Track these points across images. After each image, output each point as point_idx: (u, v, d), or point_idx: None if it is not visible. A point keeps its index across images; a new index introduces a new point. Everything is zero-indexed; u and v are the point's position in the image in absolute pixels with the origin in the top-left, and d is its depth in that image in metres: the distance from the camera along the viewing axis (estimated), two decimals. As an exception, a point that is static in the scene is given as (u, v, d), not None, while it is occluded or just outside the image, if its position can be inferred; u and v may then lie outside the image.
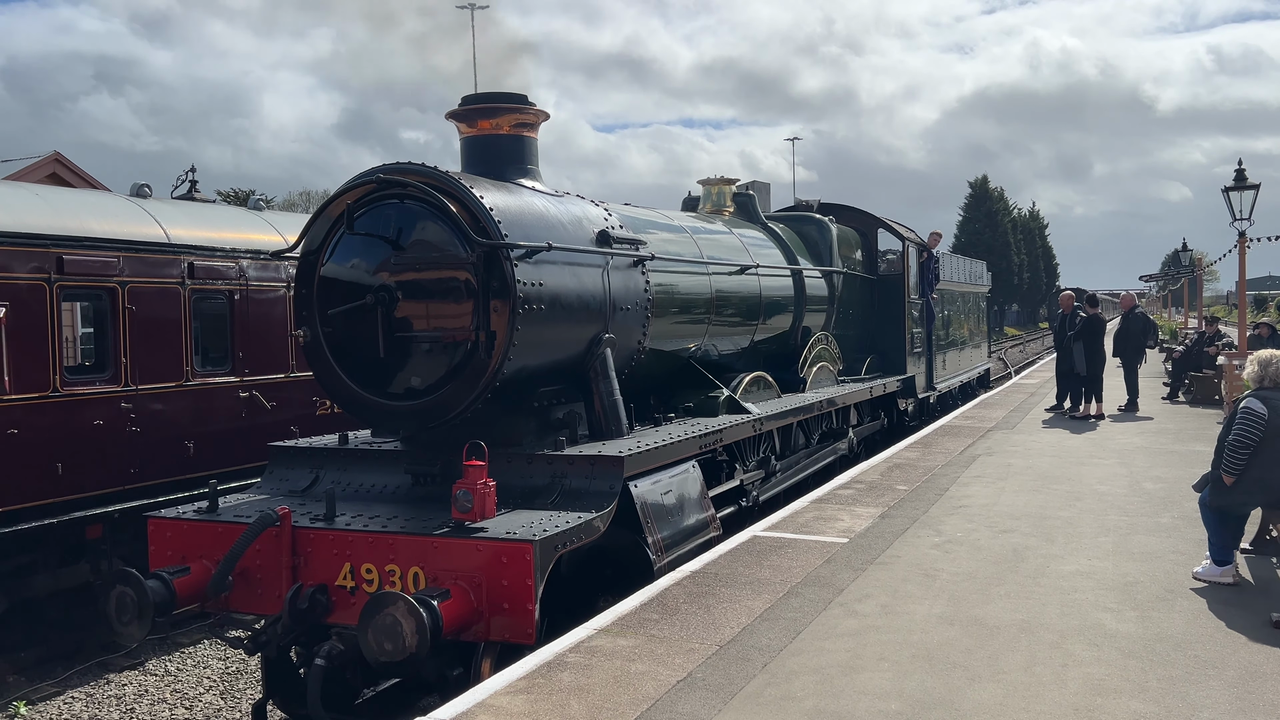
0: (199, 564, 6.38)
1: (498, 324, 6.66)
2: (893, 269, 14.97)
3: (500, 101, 7.81)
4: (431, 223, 6.79)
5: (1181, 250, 41.26)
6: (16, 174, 17.56)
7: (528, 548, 5.63)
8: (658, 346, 8.72)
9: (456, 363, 6.78)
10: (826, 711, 4.53)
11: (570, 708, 4.57)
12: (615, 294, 7.86)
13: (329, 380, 7.21)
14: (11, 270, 7.69)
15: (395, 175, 6.89)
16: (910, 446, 12.61)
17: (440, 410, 6.86)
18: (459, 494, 5.94)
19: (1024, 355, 44.17)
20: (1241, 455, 6.27)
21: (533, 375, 7.19)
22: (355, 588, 6.03)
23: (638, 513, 6.79)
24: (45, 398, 7.88)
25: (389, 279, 6.82)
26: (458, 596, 5.62)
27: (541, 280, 6.99)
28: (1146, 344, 17.48)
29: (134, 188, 9.60)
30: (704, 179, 12.55)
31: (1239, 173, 16.96)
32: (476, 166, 7.75)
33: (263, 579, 6.26)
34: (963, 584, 6.47)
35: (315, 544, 6.17)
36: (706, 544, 7.50)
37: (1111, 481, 9.97)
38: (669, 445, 7.46)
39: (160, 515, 6.78)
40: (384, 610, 5.32)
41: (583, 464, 6.73)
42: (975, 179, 77.16)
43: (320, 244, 7.17)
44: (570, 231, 7.58)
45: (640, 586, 6.51)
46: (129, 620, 6.00)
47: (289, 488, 7.34)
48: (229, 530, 6.40)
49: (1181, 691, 4.69)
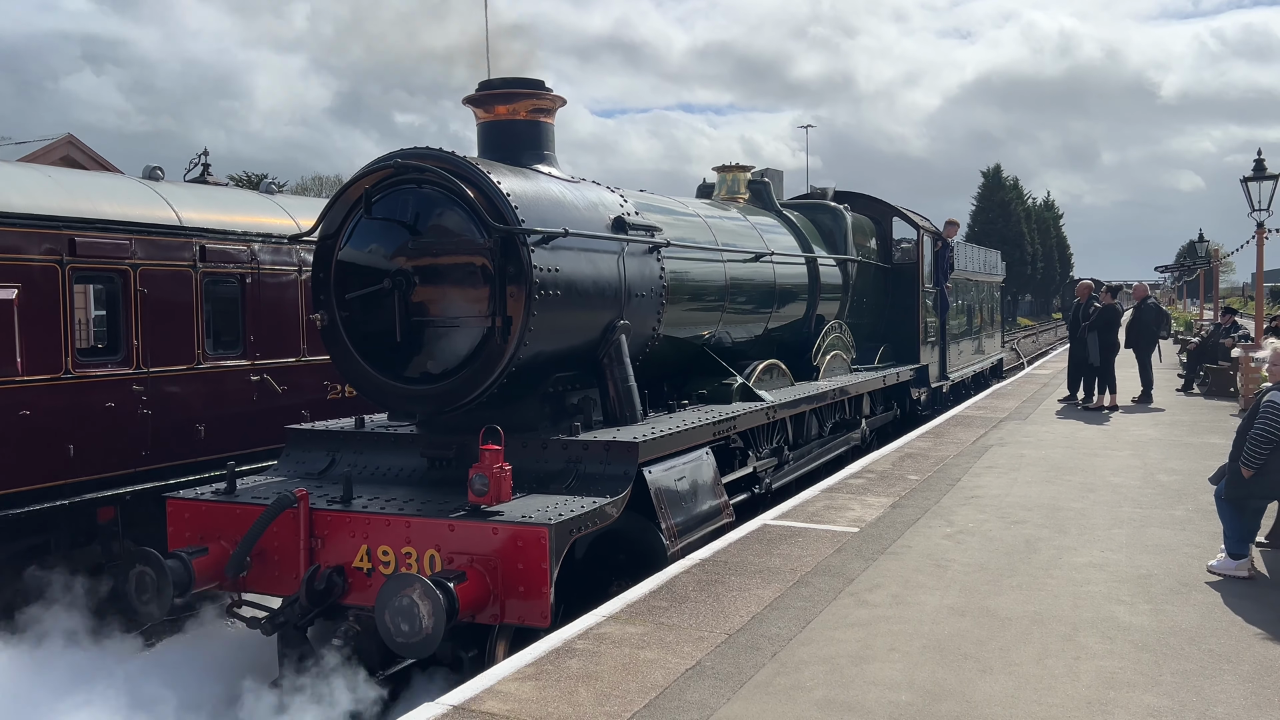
0: (217, 544, 6.48)
1: (514, 309, 6.70)
2: (907, 258, 14.93)
3: (517, 87, 7.83)
4: (448, 208, 6.83)
5: (1198, 241, 40.96)
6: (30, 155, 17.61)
7: (543, 531, 5.67)
8: (672, 333, 8.74)
9: (473, 348, 6.83)
10: (836, 701, 4.50)
11: (579, 694, 4.56)
12: (630, 280, 7.89)
13: (346, 364, 7.27)
14: (24, 252, 7.69)
15: (413, 160, 6.93)
16: (922, 436, 12.56)
17: (456, 394, 6.92)
18: (475, 478, 5.98)
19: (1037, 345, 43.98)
20: (1264, 449, 6.21)
21: (548, 361, 7.22)
22: (372, 569, 6.11)
23: (651, 498, 6.81)
24: (57, 380, 7.89)
25: (406, 264, 6.87)
26: (473, 579, 5.67)
27: (558, 266, 7.01)
28: (1159, 334, 17.35)
29: (146, 170, 9.58)
30: (719, 166, 12.61)
31: (1258, 163, 16.76)
32: (493, 152, 7.77)
33: (280, 560, 6.35)
34: (974, 575, 6.43)
35: (332, 526, 6.25)
36: (720, 530, 7.51)
37: (1125, 473, 9.90)
38: (683, 431, 7.48)
39: (179, 496, 6.88)
40: (401, 592, 5.37)
41: (598, 449, 6.77)
42: (988, 168, 76.91)
43: (338, 228, 7.21)
44: (586, 217, 7.60)
45: (653, 572, 6.53)
46: (149, 599, 6.14)
47: (306, 470, 7.41)
48: (247, 511, 6.49)
49: (1195, 685, 4.65)
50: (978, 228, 71.91)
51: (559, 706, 4.44)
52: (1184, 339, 23.35)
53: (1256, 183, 16.68)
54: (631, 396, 7.68)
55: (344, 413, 9.32)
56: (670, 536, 6.87)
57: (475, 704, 4.51)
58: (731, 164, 12.50)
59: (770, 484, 9.32)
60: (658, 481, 6.93)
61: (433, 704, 4.54)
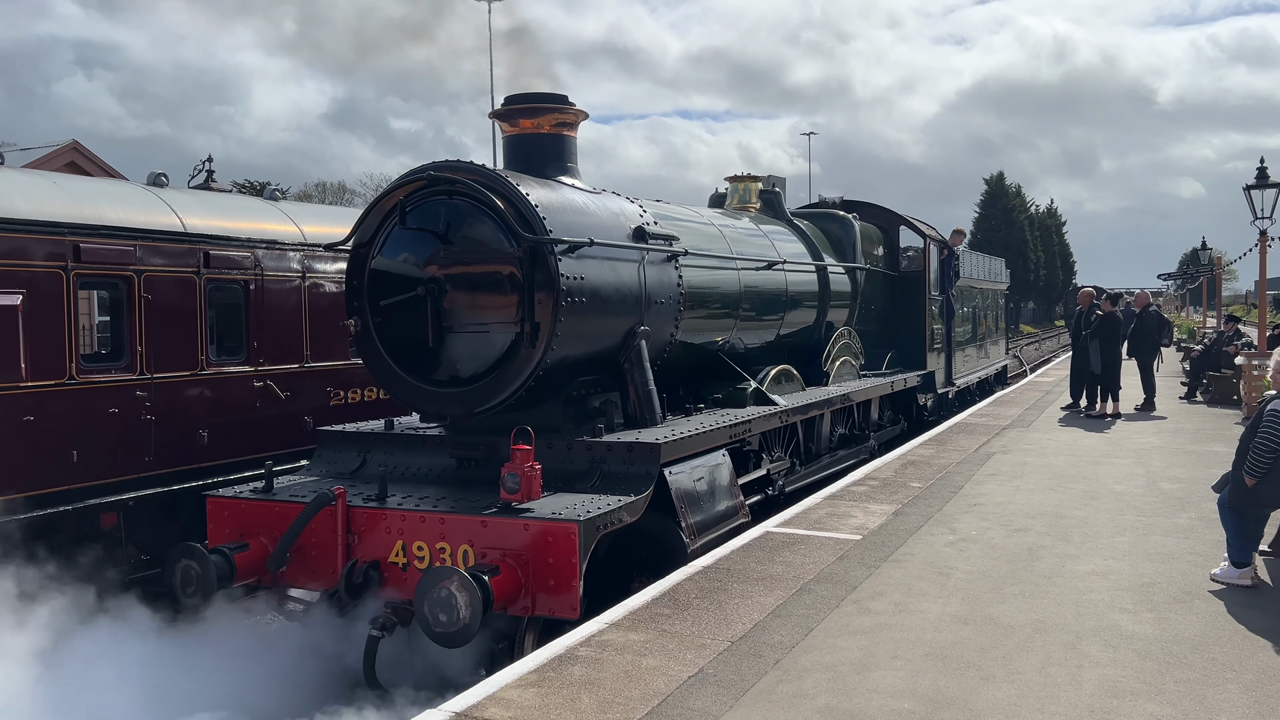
0: (256, 541, 6.78)
1: (542, 315, 7.00)
2: (914, 265, 15.08)
3: (542, 102, 8.10)
4: (479, 218, 7.12)
5: (1201, 249, 40.93)
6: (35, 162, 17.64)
7: (573, 527, 5.94)
8: (688, 339, 8.97)
9: (502, 352, 7.13)
10: (839, 709, 4.50)
11: (581, 702, 4.56)
12: (651, 288, 8.17)
13: (378, 368, 7.58)
14: (29, 258, 7.70)
15: (445, 173, 7.23)
16: (925, 443, 12.55)
17: (485, 397, 7.22)
18: (507, 476, 6.25)
19: (1039, 353, 43.93)
20: (1268, 458, 6.20)
21: (573, 365, 7.49)
22: (407, 564, 6.40)
23: (672, 498, 7.05)
24: (61, 385, 7.89)
25: (438, 272, 7.17)
26: (506, 572, 5.94)
27: (583, 274, 7.29)
28: (1161, 342, 17.35)
29: (150, 176, 9.60)
30: (731, 176, 12.84)
31: (1261, 171, 16.76)
32: (518, 164, 8.02)
33: (317, 555, 6.64)
34: (977, 583, 6.43)
35: (369, 522, 6.55)
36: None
37: (1128, 481, 9.89)
38: (702, 434, 7.72)
39: (219, 494, 7.23)
40: (440, 584, 5.62)
41: (621, 450, 7.04)
42: (991, 175, 76.89)
43: (371, 237, 7.50)
44: (608, 227, 7.86)
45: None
46: (193, 592, 6.46)
47: (338, 470, 7.72)
48: (285, 509, 6.79)
49: (1199, 694, 4.65)
50: (980, 235, 71.81)
51: (561, 714, 4.44)
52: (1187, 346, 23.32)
53: (1259, 191, 16.68)
54: (652, 400, 7.95)
55: (347, 419, 9.34)
56: (690, 535, 7.10)
57: (477, 710, 4.51)
58: (743, 174, 12.73)
59: (784, 486, 9.51)
60: (678, 482, 7.18)
61: (434, 710, 4.54)
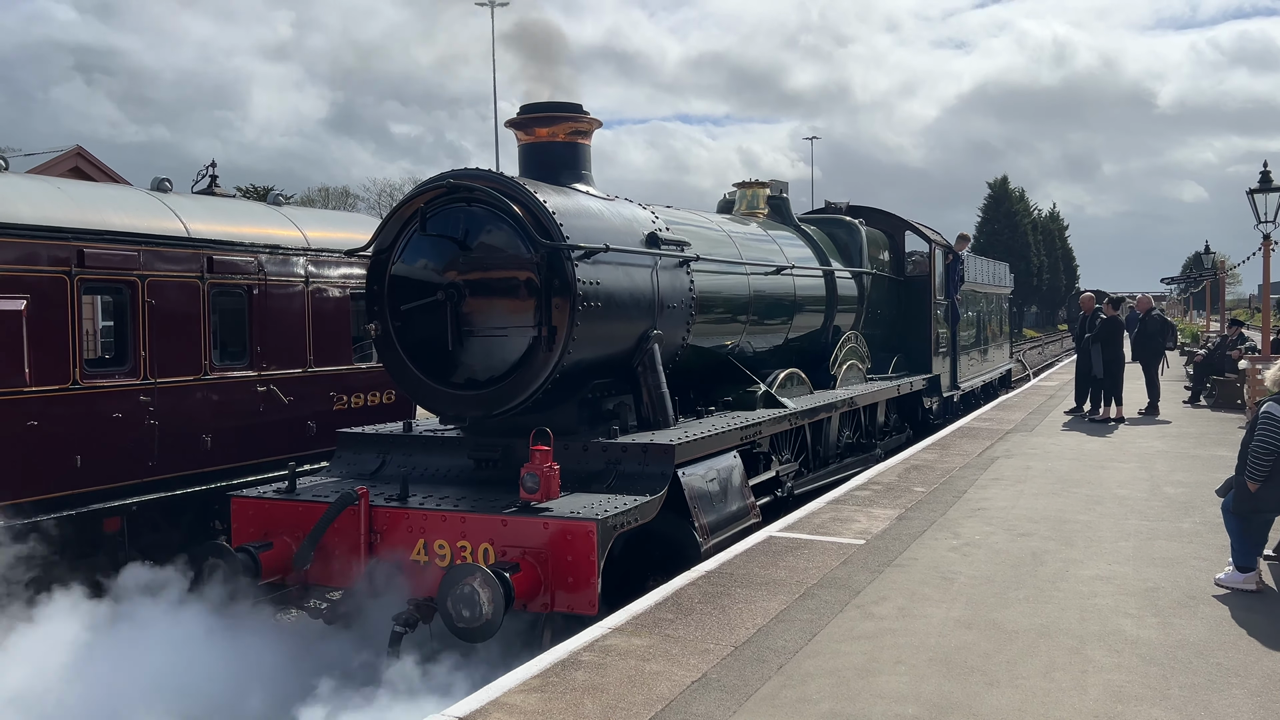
0: (280, 540, 6.91)
1: (559, 320, 7.14)
2: (919, 270, 15.19)
3: (557, 111, 8.25)
4: (497, 225, 7.27)
5: (1204, 253, 40.88)
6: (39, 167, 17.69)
7: (591, 526, 6.07)
8: (699, 342, 9.09)
9: (519, 355, 7.27)
10: (843, 714, 4.49)
11: (584, 706, 4.56)
12: (663, 293, 8.31)
13: (399, 371, 7.73)
14: (33, 263, 7.72)
15: (464, 180, 7.39)
16: (928, 448, 12.54)
17: (503, 399, 7.37)
18: (526, 476, 6.37)
19: (1042, 357, 43.88)
20: (1266, 461, 6.19)
21: (588, 368, 7.63)
22: (428, 562, 6.50)
23: (685, 498, 7.15)
24: (65, 390, 7.90)
25: (457, 277, 7.32)
26: (526, 570, 6.07)
27: (598, 279, 7.42)
28: (1165, 346, 17.32)
29: (154, 182, 9.62)
30: (739, 182, 12.99)
31: (1264, 174, 16.73)
32: (534, 171, 8.14)
33: (340, 554, 6.76)
34: (981, 587, 6.42)
35: (391, 522, 6.67)
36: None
37: (1132, 485, 9.88)
38: (714, 435, 7.83)
39: (243, 495, 7.37)
40: (463, 580, 5.74)
41: (635, 451, 7.16)
42: (995, 179, 76.94)
43: (391, 243, 7.64)
44: (622, 233, 8.00)
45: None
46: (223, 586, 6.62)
47: (358, 470, 7.86)
48: (309, 509, 6.93)
49: (1203, 699, 4.64)
50: (984, 239, 71.73)
51: (564, 718, 4.44)
52: (1191, 351, 23.28)
53: (1262, 195, 16.64)
54: (664, 402, 8.08)
55: (350, 423, 9.33)
56: (703, 534, 7.21)
57: (481, 715, 4.50)
58: (751, 180, 12.85)
59: (793, 488, 9.59)
60: (691, 482, 7.29)
61: (439, 715, 4.54)
